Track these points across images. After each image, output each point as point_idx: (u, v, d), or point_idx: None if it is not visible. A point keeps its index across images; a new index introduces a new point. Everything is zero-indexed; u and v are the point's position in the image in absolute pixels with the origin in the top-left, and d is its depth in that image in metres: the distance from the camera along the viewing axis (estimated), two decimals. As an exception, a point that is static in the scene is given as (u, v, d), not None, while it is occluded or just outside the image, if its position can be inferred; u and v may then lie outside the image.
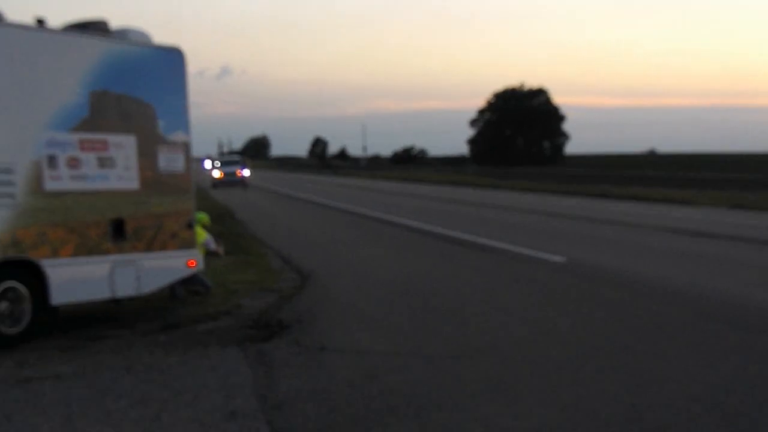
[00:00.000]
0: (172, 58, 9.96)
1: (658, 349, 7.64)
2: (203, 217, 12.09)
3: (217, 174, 53.66)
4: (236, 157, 61.92)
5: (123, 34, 9.60)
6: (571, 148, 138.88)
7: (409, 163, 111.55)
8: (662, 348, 7.69)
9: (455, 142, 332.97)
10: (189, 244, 10.04)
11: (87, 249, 8.97)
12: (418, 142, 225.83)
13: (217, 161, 59.34)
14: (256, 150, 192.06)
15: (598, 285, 11.52)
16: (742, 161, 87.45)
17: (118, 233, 9.25)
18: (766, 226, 21.16)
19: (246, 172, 54.23)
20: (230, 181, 52.33)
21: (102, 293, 9.19)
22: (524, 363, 7.27)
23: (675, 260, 14.06)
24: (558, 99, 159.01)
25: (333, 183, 59.12)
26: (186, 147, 10.08)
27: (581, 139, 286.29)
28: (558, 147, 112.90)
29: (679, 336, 8.21)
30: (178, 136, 9.98)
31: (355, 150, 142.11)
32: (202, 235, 11.60)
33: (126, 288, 9.36)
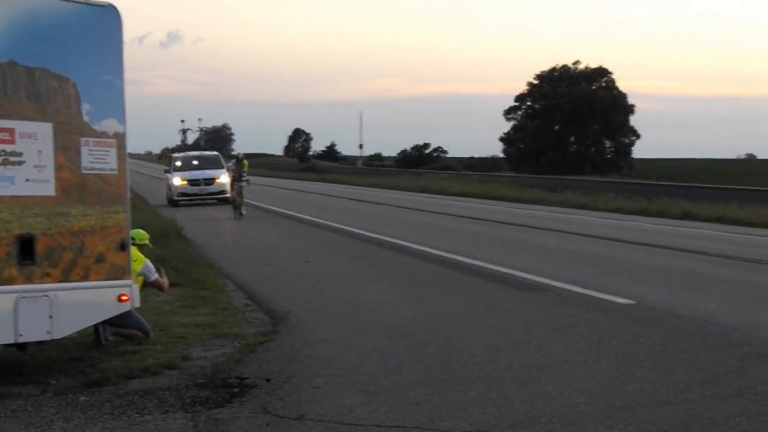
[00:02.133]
0: (104, 19, 9.98)
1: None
2: (141, 235, 12.07)
3: (178, 182, 44.13)
4: (210, 155, 50.36)
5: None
6: (642, 150, 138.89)
7: (421, 165, 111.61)
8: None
9: (485, 139, 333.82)
10: (121, 272, 10.02)
11: (-18, 276, 8.95)
12: (434, 138, 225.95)
13: (178, 160, 47.75)
14: (213, 145, 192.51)
15: (682, 339, 11.48)
16: None
17: (26, 255, 9.23)
18: None
19: (224, 178, 42.66)
20: (201, 194, 43.80)
21: (2, 336, 9.15)
22: (576, 443, 7.23)
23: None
24: (624, 84, 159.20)
25: (319, 192, 59.19)
26: (119, 140, 10.07)
27: (655, 138, 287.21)
28: (624, 148, 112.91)
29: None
30: (109, 125, 9.98)
31: (347, 147, 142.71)
32: (140, 261, 11.58)
33: (35, 330, 9.32)
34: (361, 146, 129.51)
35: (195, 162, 46.44)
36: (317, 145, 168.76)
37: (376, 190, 62.93)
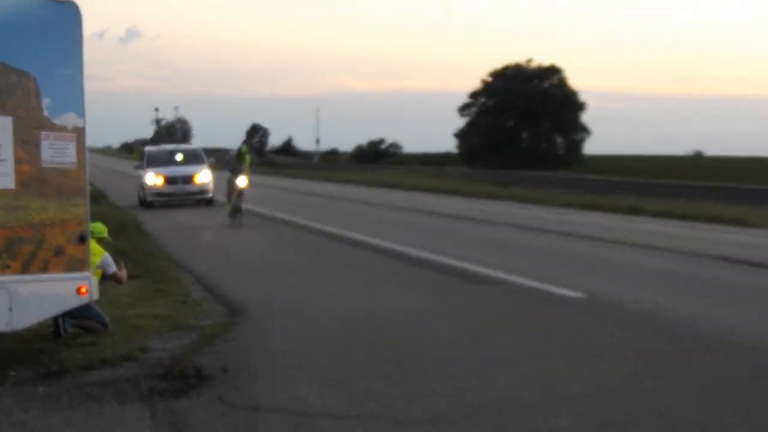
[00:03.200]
0: (64, 15, 9.91)
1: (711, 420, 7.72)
2: (100, 228, 12.02)
3: (152, 179, 37.76)
4: (190, 149, 44.18)
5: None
6: (592, 146, 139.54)
7: (376, 161, 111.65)
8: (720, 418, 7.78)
9: (439, 135, 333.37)
10: (80, 264, 9.98)
11: (-59, 268, 8.90)
12: (390, 134, 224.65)
13: (152, 153, 41.62)
14: (172, 140, 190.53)
15: (630, 331, 11.61)
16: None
17: (-15, 248, 9.18)
18: None
19: (206, 176, 38.10)
20: (179, 194, 37.93)
21: (-40, 328, 9.11)
22: (525, 432, 7.30)
23: (735, 300, 14.16)
24: (575, 82, 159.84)
25: (276, 186, 59.02)
26: (79, 134, 10.03)
27: (605, 135, 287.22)
28: (575, 144, 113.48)
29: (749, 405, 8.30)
30: (68, 119, 9.93)
31: (304, 142, 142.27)
32: (99, 254, 11.54)
33: (-7, 322, 9.27)
34: (317, 141, 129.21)
35: (172, 157, 40.13)
36: (274, 140, 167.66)
37: (332, 184, 62.88)
